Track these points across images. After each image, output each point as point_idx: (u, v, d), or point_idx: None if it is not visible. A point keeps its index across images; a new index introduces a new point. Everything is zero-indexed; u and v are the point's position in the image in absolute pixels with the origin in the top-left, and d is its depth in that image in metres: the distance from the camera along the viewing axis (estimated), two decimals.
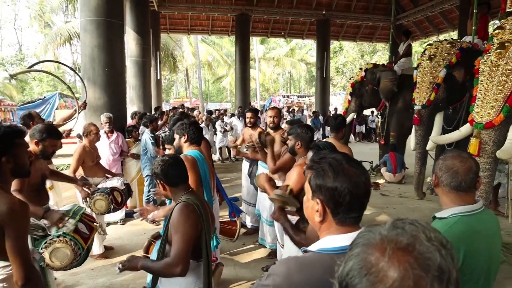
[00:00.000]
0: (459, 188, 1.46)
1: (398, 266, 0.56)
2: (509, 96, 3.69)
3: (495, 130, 3.81)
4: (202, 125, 9.14)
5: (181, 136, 2.86)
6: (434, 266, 0.56)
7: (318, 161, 1.11)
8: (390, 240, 0.60)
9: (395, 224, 0.64)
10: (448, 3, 13.52)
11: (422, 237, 0.59)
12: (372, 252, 0.59)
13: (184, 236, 1.85)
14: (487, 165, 3.91)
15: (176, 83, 43.26)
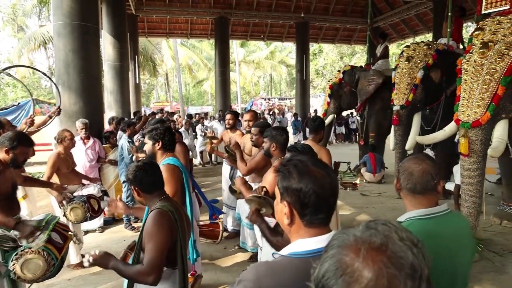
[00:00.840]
0: (414, 191, 1.44)
1: (372, 266, 0.57)
2: (494, 94, 3.75)
3: (482, 129, 3.85)
4: (182, 129, 9.05)
5: (154, 142, 2.75)
6: (407, 264, 0.57)
7: (284, 164, 1.12)
8: (364, 241, 0.61)
9: (369, 225, 0.65)
10: (423, 6, 13.87)
11: (395, 237, 0.61)
12: (347, 253, 0.60)
13: (158, 244, 1.81)
14: (476, 164, 3.94)
15: (156, 87, 42.81)
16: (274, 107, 24.78)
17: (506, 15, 4.07)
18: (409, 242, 0.61)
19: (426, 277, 0.58)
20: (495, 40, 3.88)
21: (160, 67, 28.52)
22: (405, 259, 0.58)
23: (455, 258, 1.41)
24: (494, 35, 3.93)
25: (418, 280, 0.57)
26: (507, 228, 5.13)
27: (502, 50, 3.78)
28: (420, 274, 0.58)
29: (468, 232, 1.52)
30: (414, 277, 0.57)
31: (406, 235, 0.63)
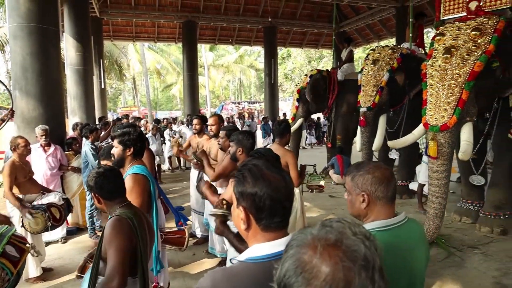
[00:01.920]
0: (393, 198, 1.42)
1: (329, 261, 0.61)
2: (459, 99, 3.90)
3: (450, 132, 3.98)
4: (149, 134, 8.87)
5: (125, 148, 2.60)
6: (360, 256, 0.61)
7: (239, 169, 1.12)
8: (320, 238, 0.64)
9: (324, 223, 0.69)
10: (385, 12, 14.36)
11: (348, 232, 0.65)
12: (305, 251, 0.63)
13: (118, 249, 1.76)
14: (444, 166, 4.08)
15: (124, 92, 41.85)
16: (244, 111, 24.81)
17: (465, 21, 4.26)
18: (362, 235, 0.65)
19: (378, 267, 0.62)
20: (457, 46, 4.04)
21: (127, 71, 27.91)
22: (359, 252, 0.62)
23: (411, 267, 1.41)
24: (455, 40, 4.10)
25: (371, 270, 0.61)
26: (466, 224, 5.36)
27: (464, 55, 3.95)
28: (373, 264, 0.62)
29: (423, 239, 1.51)
30: (367, 268, 0.61)
31: (358, 230, 0.67)
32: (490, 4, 4.50)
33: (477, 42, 3.97)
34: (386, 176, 1.41)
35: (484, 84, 4.02)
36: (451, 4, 4.88)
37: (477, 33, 3.99)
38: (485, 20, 4.11)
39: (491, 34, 3.96)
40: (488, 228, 4.97)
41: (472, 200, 5.51)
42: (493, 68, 4.01)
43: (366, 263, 0.61)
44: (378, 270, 0.62)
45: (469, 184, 5.47)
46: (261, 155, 2.15)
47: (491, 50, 3.89)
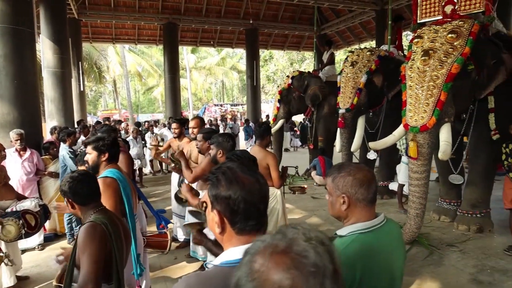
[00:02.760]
0: (373, 200, 1.41)
1: (276, 269, 0.61)
2: (438, 100, 3.99)
3: (429, 133, 4.07)
4: (130, 137, 8.74)
5: (100, 154, 2.60)
6: (309, 263, 0.61)
7: (213, 172, 1.11)
8: (270, 246, 0.65)
9: (279, 230, 0.69)
10: (365, 15, 14.60)
11: (301, 239, 0.65)
12: (256, 259, 0.64)
13: (92, 256, 1.73)
14: (424, 166, 4.17)
15: (104, 95, 41.15)
16: (226, 113, 24.75)
17: (441, 24, 4.37)
18: (316, 241, 0.65)
19: (330, 274, 0.62)
20: (434, 48, 4.14)
21: (107, 74, 27.46)
22: (308, 258, 0.62)
23: (391, 270, 1.42)
24: (433, 43, 4.20)
25: (321, 277, 0.61)
26: (445, 223, 5.48)
27: (442, 58, 4.05)
28: (323, 271, 0.61)
29: (401, 240, 1.52)
30: (316, 274, 0.60)
31: (315, 235, 0.67)
32: (465, 8, 4.62)
33: (453, 44, 4.07)
34: (367, 178, 1.40)
35: (461, 86, 4.13)
36: (427, 8, 4.99)
37: (453, 36, 4.10)
38: (461, 24, 4.23)
39: (466, 37, 4.08)
40: (466, 226, 5.09)
41: (450, 199, 5.63)
42: (469, 71, 4.12)
43: (316, 269, 0.61)
44: (331, 276, 0.62)
45: (447, 184, 5.60)
46: (237, 157, 2.14)
47: (467, 53, 4.00)
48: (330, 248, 0.65)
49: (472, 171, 5.29)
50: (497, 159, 4.60)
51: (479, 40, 4.20)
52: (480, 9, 4.53)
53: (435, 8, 4.89)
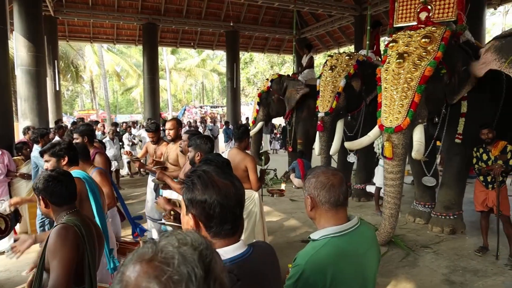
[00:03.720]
0: (338, 203, 1.41)
1: (138, 279, 0.61)
2: (412, 101, 4.11)
3: (403, 134, 4.19)
4: (107, 138, 8.56)
5: (59, 159, 2.61)
6: (173, 270, 0.61)
7: (189, 175, 1.10)
8: (138, 256, 0.64)
9: (157, 238, 0.69)
10: (345, 20, 14.83)
11: (171, 245, 0.64)
12: (125, 269, 0.63)
13: (63, 260, 1.68)
14: (399, 167, 4.27)
15: (81, 95, 40.25)
16: (206, 115, 24.61)
17: (415, 30, 4.53)
18: (188, 246, 0.65)
19: (199, 279, 0.61)
20: (409, 52, 4.28)
21: (84, 73, 26.86)
22: (172, 265, 0.61)
23: (363, 273, 1.43)
24: (407, 47, 4.35)
25: (186, 281, 0.60)
26: (419, 225, 5.60)
27: (415, 61, 4.19)
28: (189, 277, 0.61)
29: (374, 242, 1.53)
30: (179, 280, 0.60)
31: (191, 239, 0.66)
32: (438, 16, 4.79)
33: (426, 48, 4.23)
34: (329, 181, 1.41)
35: (434, 89, 4.27)
36: (403, 13, 5.14)
37: (426, 41, 4.26)
38: (434, 29, 4.40)
39: (439, 42, 4.25)
40: (439, 228, 5.23)
41: (424, 202, 5.77)
42: (441, 74, 4.26)
43: (179, 276, 0.60)
44: (199, 282, 0.61)
45: (422, 187, 5.74)
46: (210, 161, 2.12)
47: (440, 57, 4.17)
48: (204, 253, 0.65)
49: (445, 174, 5.44)
50: (469, 162, 4.75)
51: (451, 46, 4.37)
52: (452, 18, 4.71)
53: (411, 14, 5.05)
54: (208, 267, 0.64)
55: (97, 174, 3.04)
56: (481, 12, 9.63)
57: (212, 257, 0.66)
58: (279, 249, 4.31)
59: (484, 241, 4.57)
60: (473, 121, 4.84)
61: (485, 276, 3.93)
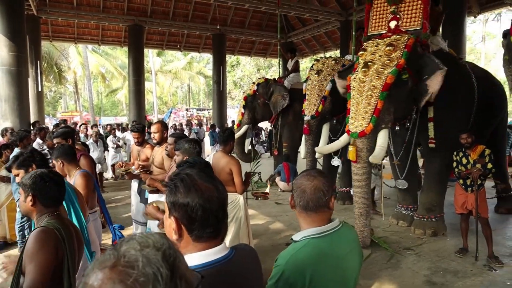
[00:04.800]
0: (307, 208, 1.43)
1: (101, 285, 0.60)
2: (375, 108, 4.26)
3: (367, 138, 4.34)
4: (90, 141, 8.43)
5: (27, 168, 2.59)
6: (138, 272, 0.61)
7: (172, 178, 1.10)
8: (100, 262, 0.64)
9: (118, 243, 0.68)
10: (331, 25, 15.01)
11: (134, 249, 0.65)
12: (89, 277, 0.63)
13: (40, 266, 1.64)
14: (363, 169, 4.42)
15: (65, 96, 39.56)
16: (192, 118, 24.49)
17: (383, 38, 4.73)
18: (151, 248, 0.65)
19: (165, 279, 0.62)
20: (374, 60, 4.47)
21: (68, 74, 26.44)
22: (136, 268, 0.61)
23: (343, 274, 1.45)
24: (373, 55, 4.54)
25: (152, 282, 0.61)
26: (402, 228, 5.69)
27: (379, 69, 4.37)
28: (155, 277, 0.61)
29: (356, 244, 1.55)
30: (146, 282, 0.60)
31: (153, 241, 0.67)
32: (406, 24, 4.96)
33: (390, 56, 4.42)
34: (302, 185, 1.45)
35: (398, 95, 4.42)
36: (376, 22, 5.30)
37: (390, 49, 4.45)
38: (398, 38, 4.60)
39: (402, 49, 4.42)
40: (421, 230, 5.32)
41: (407, 205, 5.86)
42: (404, 80, 4.40)
43: (145, 278, 0.61)
44: (165, 281, 0.62)
45: (403, 190, 5.86)
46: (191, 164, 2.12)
47: (402, 64, 4.34)
48: (168, 252, 0.66)
49: (426, 177, 5.56)
50: (449, 166, 4.86)
51: (415, 54, 4.53)
52: (418, 26, 4.87)
53: (382, 23, 5.21)
54: (173, 266, 0.64)
55: (80, 177, 3.00)
56: (461, 20, 9.90)
57: (176, 256, 0.67)
58: (264, 252, 4.32)
59: (464, 243, 4.67)
60: (444, 125, 5.01)
61: (465, 276, 4.02)
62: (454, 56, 5.58)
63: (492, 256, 4.34)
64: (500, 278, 3.99)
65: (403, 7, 4.98)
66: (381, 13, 5.22)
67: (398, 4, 4.99)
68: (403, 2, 4.95)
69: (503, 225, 5.75)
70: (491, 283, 3.88)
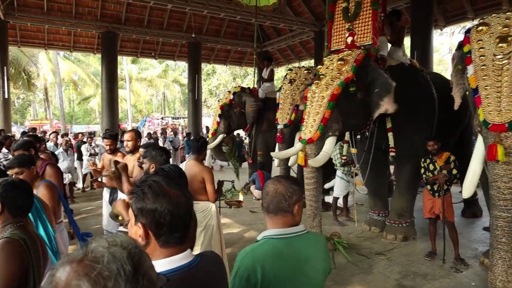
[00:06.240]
0: (268, 210, 1.50)
1: (69, 278, 0.64)
2: (323, 117, 4.50)
3: (315, 145, 4.58)
4: (60, 149, 8.19)
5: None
6: (103, 266, 0.64)
7: (139, 185, 1.12)
8: (69, 258, 0.67)
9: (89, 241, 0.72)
10: (305, 35, 15.32)
11: (102, 246, 0.68)
12: (56, 270, 0.66)
13: (4, 277, 1.59)
14: (312, 173, 4.63)
15: (34, 103, 38.26)
16: (167, 126, 24.21)
17: (338, 54, 5.00)
18: (117, 246, 0.69)
19: (128, 274, 0.65)
20: (326, 73, 4.75)
21: (38, 81, 25.65)
22: (101, 263, 0.65)
23: (306, 276, 1.47)
24: (327, 69, 4.81)
25: (115, 276, 0.64)
26: (375, 233, 5.81)
27: (329, 81, 4.64)
28: (118, 272, 0.65)
29: (322, 252, 1.59)
30: (109, 277, 0.64)
31: (121, 240, 0.70)
32: (360, 40, 5.22)
33: (341, 70, 4.68)
34: (267, 187, 1.54)
35: (347, 106, 4.66)
36: (337, 38, 5.55)
37: (341, 63, 4.73)
38: (349, 52, 4.89)
39: (352, 63, 4.69)
40: (393, 235, 5.45)
41: (378, 211, 6.00)
42: (351, 92, 4.63)
43: (109, 272, 0.64)
44: (128, 277, 0.65)
45: (374, 196, 6.01)
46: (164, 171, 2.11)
47: (350, 77, 4.60)
48: (133, 251, 0.69)
49: (397, 184, 5.73)
50: (418, 172, 5.02)
51: (367, 68, 4.76)
52: (369, 41, 5.12)
53: (341, 39, 5.46)
54: (137, 264, 0.68)
55: (44, 188, 2.91)
56: (428, 32, 10.34)
57: (141, 256, 0.70)
58: None
59: (433, 247, 4.82)
60: (407, 134, 5.24)
61: (433, 279, 4.15)
62: (415, 68, 5.82)
63: (459, 259, 4.50)
64: (466, 279, 4.15)
65: (357, 24, 5.24)
66: (340, 30, 5.48)
67: (353, 21, 5.26)
68: (357, 19, 5.22)
69: (469, 229, 5.97)
70: (457, 284, 4.02)
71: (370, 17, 5.08)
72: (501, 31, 3.22)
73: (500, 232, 3.22)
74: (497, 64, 3.15)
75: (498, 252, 3.23)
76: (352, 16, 5.24)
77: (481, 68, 3.27)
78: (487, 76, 3.21)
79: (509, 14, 3.33)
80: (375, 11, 5.05)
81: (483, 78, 3.24)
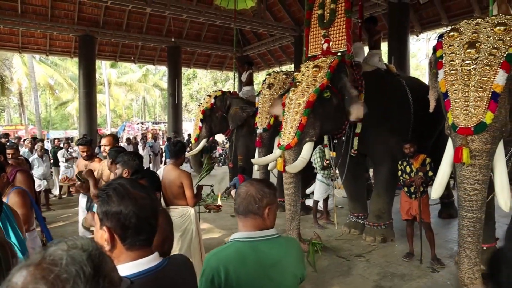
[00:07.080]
0: (238, 211, 1.51)
1: (25, 282, 0.63)
2: (299, 123, 4.57)
3: (293, 151, 4.65)
4: (35, 156, 7.96)
5: None
6: (61, 269, 0.64)
7: (103, 189, 1.11)
8: (26, 262, 0.67)
9: (48, 245, 0.71)
10: (285, 40, 15.45)
11: (60, 249, 0.68)
12: (13, 275, 0.65)
13: None
14: (291, 178, 4.72)
15: (8, 108, 37.16)
16: (148, 131, 23.92)
17: (314, 60, 5.10)
18: (77, 249, 0.68)
19: (87, 277, 0.65)
20: (302, 80, 4.82)
21: (12, 85, 24.93)
22: (59, 265, 0.64)
23: (273, 281, 1.47)
24: (303, 76, 4.89)
25: (74, 278, 0.63)
26: (354, 236, 5.88)
27: (305, 88, 4.72)
28: (77, 275, 0.64)
29: (294, 256, 1.58)
30: (67, 279, 0.63)
31: (81, 243, 0.70)
32: (335, 46, 5.31)
33: (316, 77, 4.77)
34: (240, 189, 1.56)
35: (323, 111, 4.76)
36: (313, 44, 5.62)
37: (317, 70, 4.82)
38: (324, 59, 4.99)
39: (326, 70, 4.78)
40: (372, 237, 5.53)
41: (357, 213, 6.08)
42: (326, 98, 4.73)
43: (68, 275, 0.63)
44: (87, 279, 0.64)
45: (352, 199, 6.10)
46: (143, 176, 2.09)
47: (325, 84, 4.69)
48: (94, 253, 0.69)
49: (376, 186, 5.83)
50: (396, 174, 5.13)
51: (340, 74, 4.86)
52: (344, 48, 5.22)
53: (318, 45, 5.53)
54: (98, 266, 0.67)
55: (15, 194, 2.82)
56: (405, 38, 10.62)
57: (102, 258, 0.70)
58: None
59: (410, 248, 4.92)
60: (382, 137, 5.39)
61: (411, 279, 4.23)
62: (390, 73, 5.96)
63: (435, 259, 4.60)
64: (442, 279, 4.25)
65: (332, 31, 5.33)
66: (316, 36, 5.55)
67: (328, 28, 5.34)
68: (332, 26, 5.30)
69: (445, 229, 6.13)
70: (434, 284, 4.12)
71: (344, 24, 5.17)
72: (470, 37, 3.32)
73: (466, 231, 3.30)
74: (465, 69, 3.24)
75: (464, 251, 3.31)
76: (327, 23, 5.32)
77: (451, 72, 3.35)
78: (456, 80, 3.30)
79: (479, 20, 3.44)
80: (349, 18, 5.15)
81: (452, 83, 3.33)
